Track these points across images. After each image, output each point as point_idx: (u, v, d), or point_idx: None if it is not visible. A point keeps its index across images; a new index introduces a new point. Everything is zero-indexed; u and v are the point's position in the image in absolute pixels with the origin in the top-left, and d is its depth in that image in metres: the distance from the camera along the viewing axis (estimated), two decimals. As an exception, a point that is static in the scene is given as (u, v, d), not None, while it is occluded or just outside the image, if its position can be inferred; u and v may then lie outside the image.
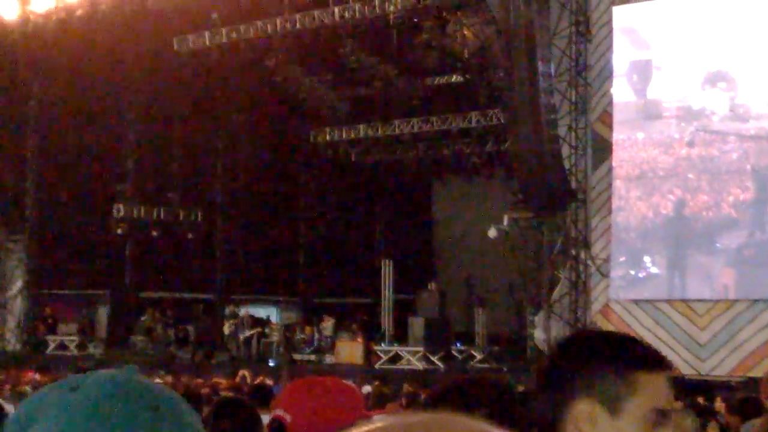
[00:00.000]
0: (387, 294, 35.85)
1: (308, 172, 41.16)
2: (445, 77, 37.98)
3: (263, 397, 7.25)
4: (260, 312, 38.51)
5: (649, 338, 25.14)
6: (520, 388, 9.70)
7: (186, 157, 38.50)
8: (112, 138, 38.01)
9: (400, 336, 34.34)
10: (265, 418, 6.28)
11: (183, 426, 1.58)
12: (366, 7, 33.59)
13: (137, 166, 38.94)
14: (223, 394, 15.90)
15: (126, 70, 37.14)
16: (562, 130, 30.02)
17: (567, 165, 30.14)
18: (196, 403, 9.68)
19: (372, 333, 35.25)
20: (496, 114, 34.77)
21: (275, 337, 36.12)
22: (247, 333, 36.08)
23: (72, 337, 37.72)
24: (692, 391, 19.81)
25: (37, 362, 30.95)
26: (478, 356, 33.20)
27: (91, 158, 36.85)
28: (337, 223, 40.50)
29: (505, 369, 30.27)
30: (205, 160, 39.55)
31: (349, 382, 4.58)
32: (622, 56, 29.98)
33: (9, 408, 10.23)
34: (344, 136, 39.72)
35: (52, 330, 38.12)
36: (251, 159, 38.97)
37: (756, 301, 27.18)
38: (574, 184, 30.16)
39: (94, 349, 37.32)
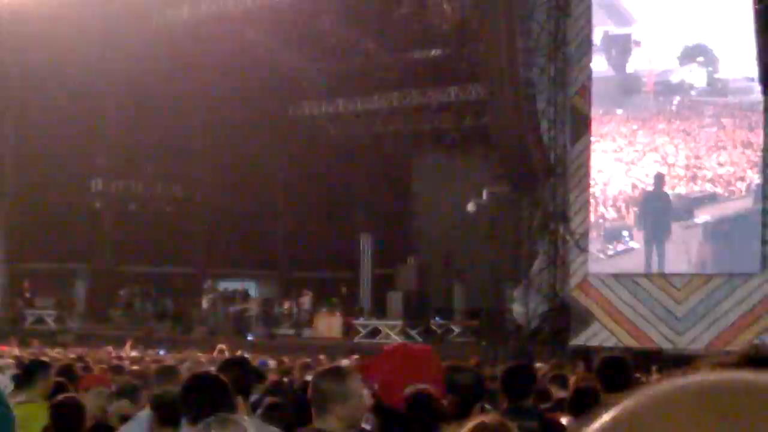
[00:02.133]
0: (366, 268, 35.89)
1: (287, 146, 41.05)
2: (425, 51, 37.88)
3: (241, 369, 7.23)
4: (238, 286, 38.46)
5: (627, 312, 25.34)
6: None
7: (164, 131, 38.36)
8: (90, 112, 37.82)
9: (379, 310, 34.39)
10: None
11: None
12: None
13: (115, 140, 38.80)
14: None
15: (105, 43, 36.96)
16: (540, 105, 30.05)
17: (545, 139, 30.16)
18: (173, 378, 9.66)
19: (351, 307, 35.29)
20: (475, 88, 34.74)
21: (254, 311, 36.10)
22: (226, 307, 36.05)
23: (50, 311, 37.63)
24: (670, 364, 19.90)
25: (15, 336, 30.84)
26: (457, 330, 33.27)
27: (69, 133, 36.64)
28: (315, 197, 40.42)
29: (483, 343, 30.33)
30: (183, 134, 39.43)
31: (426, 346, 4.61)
32: (600, 31, 29.97)
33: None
34: (323, 110, 39.65)
35: (30, 304, 38.02)
36: (229, 133, 38.83)
37: (733, 275, 27.29)
38: (552, 159, 30.19)
39: (73, 323, 37.25)
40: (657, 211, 28.82)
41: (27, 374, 9.38)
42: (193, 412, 5.04)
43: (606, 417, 0.88)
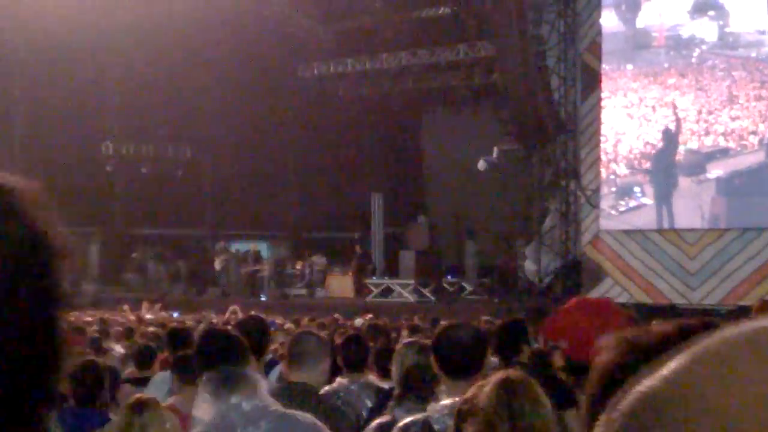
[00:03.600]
0: (377, 228, 35.91)
1: (296, 106, 40.95)
2: (433, 9, 37.72)
3: (256, 329, 7.24)
4: (250, 247, 38.48)
5: (639, 268, 25.32)
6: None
7: (173, 94, 38.26)
8: (99, 76, 37.78)
9: (391, 269, 34.42)
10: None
11: None
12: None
13: (125, 103, 38.74)
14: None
15: (113, 8, 36.84)
16: (550, 61, 29.97)
17: (556, 96, 30.11)
18: (186, 339, 9.70)
19: (363, 267, 35.32)
20: (484, 46, 34.58)
21: (266, 272, 36.16)
22: (238, 268, 36.11)
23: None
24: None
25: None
26: (469, 288, 33.30)
27: (79, 97, 36.59)
28: (326, 157, 40.37)
29: (495, 300, 30.37)
30: (193, 97, 39.31)
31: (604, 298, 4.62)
32: (610, -14, 29.86)
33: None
34: (332, 70, 39.52)
35: (43, 268, 38.05)
36: (239, 94, 38.74)
37: (746, 230, 27.26)
38: (563, 116, 30.15)
39: (87, 287, 37.34)
40: (668, 166, 28.76)
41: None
42: (206, 367, 5.06)
43: (646, 385, 0.78)
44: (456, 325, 5.79)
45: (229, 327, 7.50)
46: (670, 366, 0.78)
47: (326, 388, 6.10)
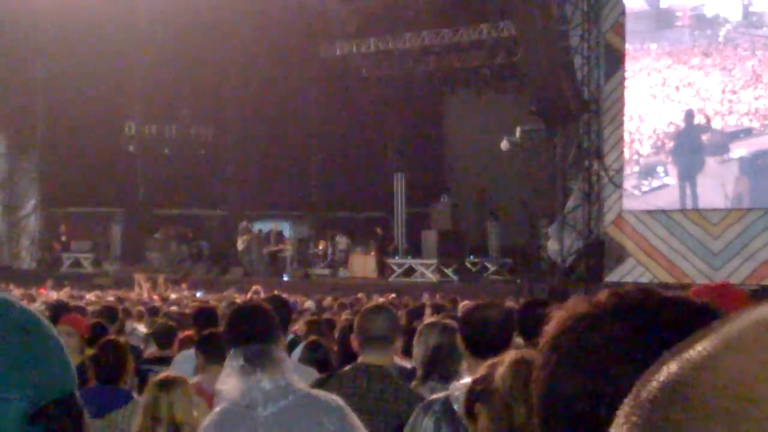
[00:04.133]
0: (400, 208, 35.89)
1: (319, 86, 40.95)
2: (456, -11, 37.62)
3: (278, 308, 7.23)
4: (273, 227, 38.55)
5: (662, 248, 25.32)
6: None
7: (196, 74, 38.30)
8: (122, 56, 37.81)
9: (414, 249, 34.42)
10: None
11: (51, 346, 1.58)
12: None
13: (148, 83, 38.78)
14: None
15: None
16: (574, 41, 29.84)
17: (579, 76, 29.99)
18: (211, 318, 9.72)
19: (385, 246, 35.33)
20: (507, 26, 34.47)
21: (289, 252, 36.22)
22: (261, 248, 36.17)
23: (86, 255, 37.88)
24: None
25: (53, 280, 31.07)
26: (492, 268, 33.30)
27: (102, 77, 36.66)
28: (348, 137, 40.36)
29: (518, 281, 30.36)
30: (215, 77, 39.35)
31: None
32: (634, -35, 29.71)
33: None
34: (354, 50, 39.45)
35: (66, 248, 38.26)
36: (262, 74, 38.75)
37: (770, 209, 27.20)
38: (586, 95, 30.03)
39: (109, 266, 37.49)
40: (692, 146, 28.66)
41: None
42: (236, 343, 5.06)
43: (675, 372, 0.73)
44: (485, 304, 5.78)
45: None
46: (700, 351, 0.73)
47: (347, 368, 6.03)
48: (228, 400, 4.90)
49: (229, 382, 4.93)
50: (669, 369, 0.74)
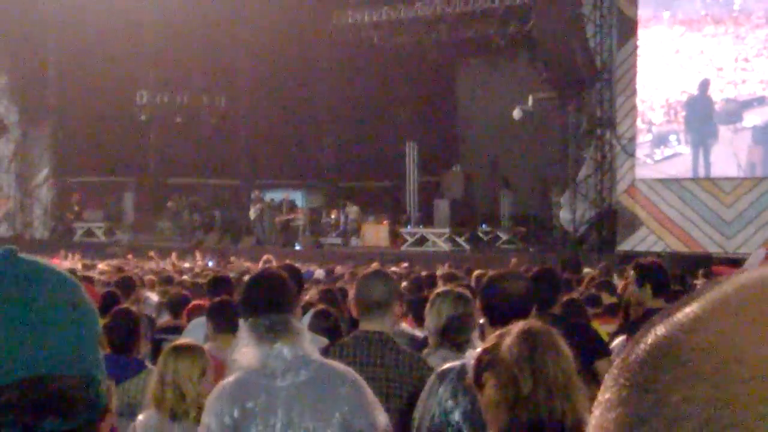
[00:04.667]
0: (412, 177, 35.85)
1: (331, 55, 40.88)
2: (468, -43, 37.47)
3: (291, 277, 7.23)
4: (285, 196, 38.54)
5: (674, 217, 25.26)
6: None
7: (208, 43, 38.25)
8: (134, 24, 37.76)
9: (426, 218, 34.40)
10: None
11: (87, 315, 1.54)
12: None
13: (159, 52, 38.74)
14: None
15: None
16: (586, 9, 29.74)
17: (592, 44, 29.91)
18: (225, 287, 9.74)
19: (397, 216, 35.33)
20: (519, -7, 34.36)
21: (301, 221, 36.22)
22: (273, 217, 36.17)
23: (99, 224, 37.96)
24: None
25: (66, 249, 31.16)
26: (504, 237, 33.29)
27: (114, 45, 36.61)
28: (360, 106, 40.29)
29: (530, 249, 30.35)
30: (227, 45, 39.30)
31: None
32: (647, -68, 29.54)
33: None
34: (366, 18, 39.32)
35: (79, 217, 38.33)
36: (273, 43, 38.67)
37: (783, 178, 27.15)
38: (599, 64, 29.95)
39: (122, 235, 37.56)
40: (705, 114, 28.56)
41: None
42: (252, 312, 5.06)
43: (662, 334, 0.74)
44: (506, 274, 5.78)
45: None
46: (687, 314, 0.74)
47: (348, 336, 6.01)
48: (245, 369, 4.92)
49: (245, 351, 4.94)
50: (657, 332, 0.75)
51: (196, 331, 8.40)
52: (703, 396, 0.68)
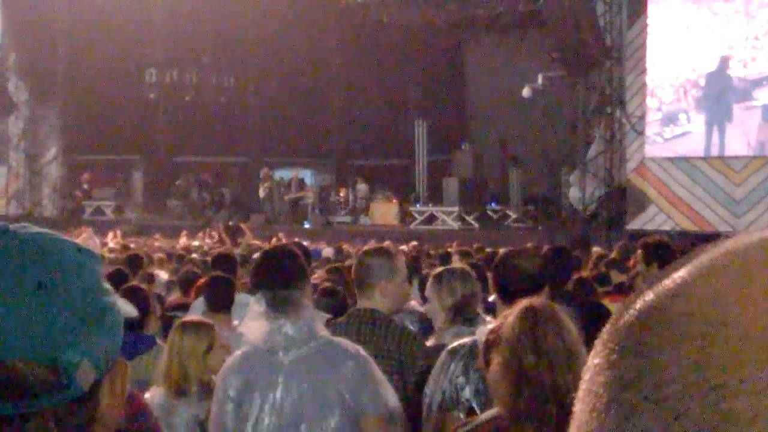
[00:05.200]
0: (421, 155, 35.84)
1: (340, 33, 40.82)
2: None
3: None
4: (294, 175, 38.54)
5: (684, 195, 25.22)
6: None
7: (217, 21, 38.22)
8: (142, 3, 37.73)
9: (435, 197, 34.40)
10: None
11: (72, 292, 1.52)
12: None
13: (169, 30, 38.72)
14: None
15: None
16: (596, -13, 29.66)
17: (602, 22, 29.82)
18: (227, 264, 9.75)
19: (407, 194, 35.33)
20: (529, -29, 34.25)
21: (310, 199, 36.23)
22: (282, 196, 36.18)
23: (108, 203, 38.01)
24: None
25: (75, 228, 31.19)
26: (513, 215, 33.27)
27: (123, 24, 36.61)
28: (369, 84, 40.25)
29: (539, 228, 30.34)
30: (236, 24, 39.27)
31: None
32: None
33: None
34: (376, -4, 39.27)
35: (88, 196, 38.38)
36: (282, 21, 38.61)
37: (793, 157, 27.09)
38: (608, 42, 29.87)
39: (131, 214, 37.60)
40: (715, 93, 28.49)
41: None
42: (261, 287, 5.07)
43: (649, 299, 0.75)
44: (519, 251, 5.80)
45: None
46: (675, 279, 0.75)
47: (344, 316, 6.02)
48: (250, 343, 4.95)
49: (251, 325, 4.97)
50: (645, 298, 0.75)
51: (196, 310, 8.43)
52: (690, 358, 0.68)
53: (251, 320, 4.98)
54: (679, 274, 0.75)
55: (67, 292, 1.51)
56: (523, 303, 3.60)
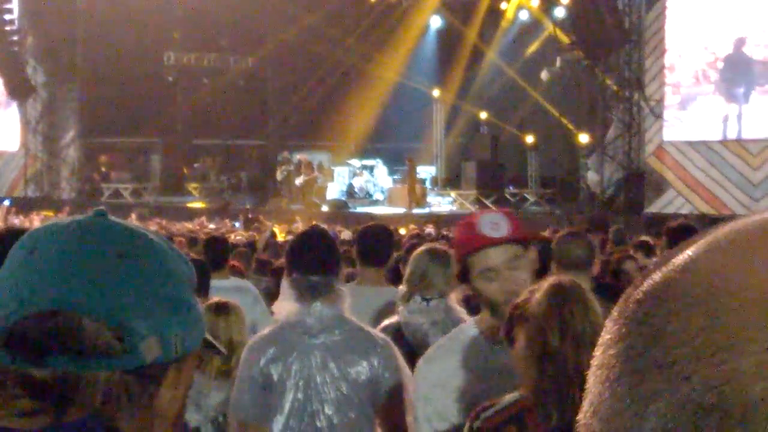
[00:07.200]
0: (439, 138, 35.79)
1: (358, 16, 40.76)
2: None
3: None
4: (312, 157, 38.54)
5: (702, 179, 25.10)
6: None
7: (235, 3, 38.18)
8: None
9: (453, 180, 34.36)
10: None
11: (150, 272, 1.55)
12: None
13: (187, 13, 38.71)
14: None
15: None
16: (615, -30, 29.55)
17: (620, 5, 29.71)
18: (220, 247, 9.72)
19: (424, 177, 35.29)
20: (547, -46, 34.14)
21: (321, 180, 36.17)
22: (301, 178, 36.17)
23: (126, 185, 38.08)
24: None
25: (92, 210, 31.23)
26: (531, 199, 33.23)
27: (142, 6, 36.63)
28: (386, 67, 40.18)
29: (557, 211, 30.30)
30: (254, 6, 39.22)
31: None
32: None
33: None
34: (394, -22, 39.21)
35: (106, 178, 38.46)
36: (301, 2, 38.57)
37: (812, 140, 27.00)
38: (627, 25, 29.77)
39: (149, 196, 37.66)
40: (733, 76, 28.39)
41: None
42: (297, 270, 5.07)
43: (659, 275, 0.78)
44: (573, 232, 5.94)
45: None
46: (684, 256, 0.79)
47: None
48: (282, 324, 4.99)
49: (284, 305, 5.00)
50: (654, 275, 0.79)
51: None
52: (696, 324, 0.72)
53: (284, 300, 5.01)
54: (687, 252, 0.79)
55: (146, 272, 1.56)
56: (550, 280, 3.59)
